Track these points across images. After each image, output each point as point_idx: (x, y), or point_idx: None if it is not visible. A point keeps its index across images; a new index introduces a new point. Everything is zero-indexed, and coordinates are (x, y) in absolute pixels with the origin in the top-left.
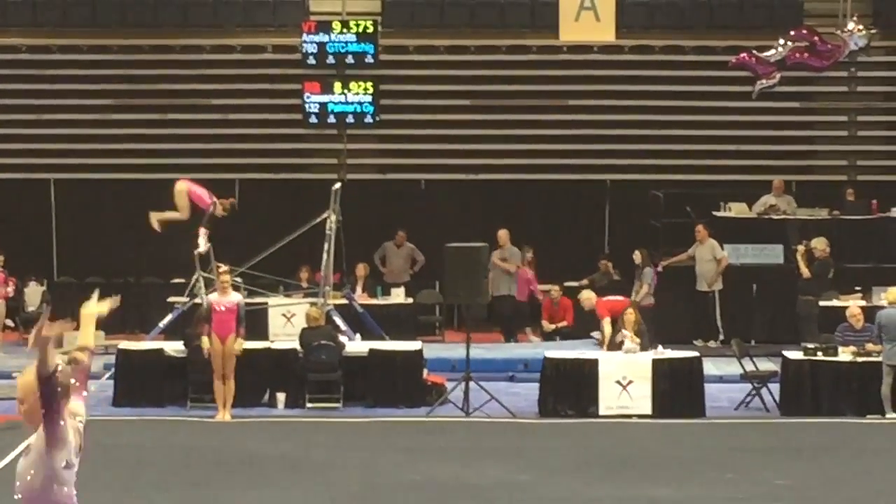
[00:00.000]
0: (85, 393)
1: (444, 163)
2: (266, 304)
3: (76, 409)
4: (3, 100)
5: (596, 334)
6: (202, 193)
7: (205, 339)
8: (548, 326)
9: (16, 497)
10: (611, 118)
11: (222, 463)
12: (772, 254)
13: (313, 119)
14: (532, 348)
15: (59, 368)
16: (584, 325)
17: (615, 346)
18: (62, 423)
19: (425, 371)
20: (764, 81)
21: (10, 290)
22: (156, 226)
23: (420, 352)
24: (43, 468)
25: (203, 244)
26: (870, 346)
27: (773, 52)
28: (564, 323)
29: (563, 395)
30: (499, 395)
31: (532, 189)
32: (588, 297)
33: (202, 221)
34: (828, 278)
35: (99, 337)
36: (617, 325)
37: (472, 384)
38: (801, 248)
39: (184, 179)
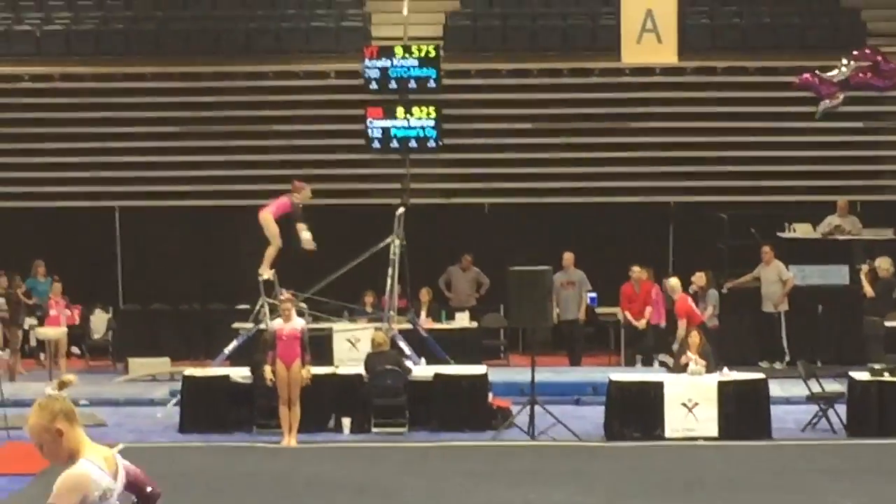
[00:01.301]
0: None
1: (507, 186)
2: (331, 329)
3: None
4: (69, 128)
5: (665, 358)
6: (279, 204)
7: (267, 369)
8: (634, 320)
9: None
10: (674, 140)
11: (288, 488)
12: (837, 274)
13: (376, 144)
14: (598, 372)
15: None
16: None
17: (680, 367)
18: None
19: (490, 395)
20: (828, 102)
21: (75, 316)
22: (270, 275)
23: (485, 376)
24: None
25: (307, 237)
26: None
27: (836, 72)
28: (646, 317)
29: (628, 418)
30: (564, 418)
31: (596, 212)
32: (675, 285)
33: (294, 219)
34: (891, 298)
35: (165, 364)
36: (682, 346)
37: (537, 408)
38: (865, 267)
39: (260, 209)
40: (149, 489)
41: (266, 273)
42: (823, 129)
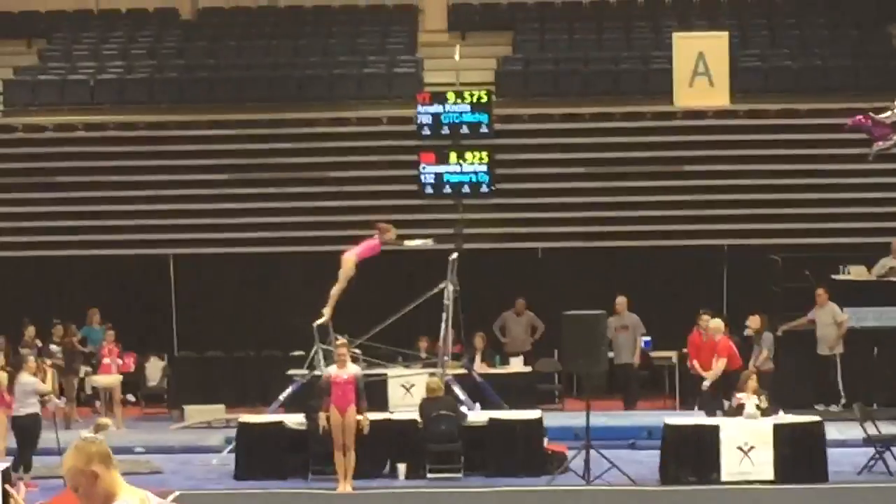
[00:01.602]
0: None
1: (560, 231)
2: (385, 374)
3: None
4: (123, 176)
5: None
6: (368, 247)
7: (322, 416)
8: (702, 371)
9: None
10: (727, 183)
11: None
12: (893, 316)
13: (429, 189)
14: (653, 415)
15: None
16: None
17: (734, 411)
18: None
19: (545, 440)
20: (881, 143)
21: (130, 363)
22: (328, 317)
23: (540, 420)
24: None
25: (417, 242)
26: None
27: (889, 113)
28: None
29: (684, 462)
30: (620, 462)
31: (649, 255)
32: (717, 326)
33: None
34: None
35: (220, 411)
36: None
37: (592, 452)
38: None
39: (348, 251)
40: None
41: (327, 313)
42: (876, 171)
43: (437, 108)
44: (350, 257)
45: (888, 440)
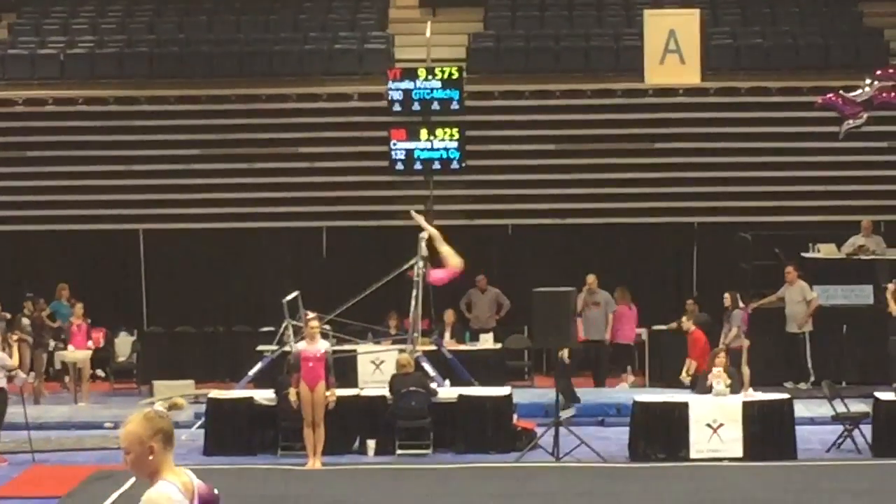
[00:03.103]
0: None
1: (530, 207)
2: (355, 351)
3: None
4: (92, 151)
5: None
6: (443, 276)
7: (292, 392)
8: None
9: None
10: (697, 160)
11: None
12: (862, 294)
13: (400, 166)
14: (622, 392)
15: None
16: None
17: (705, 388)
18: None
19: (515, 416)
20: (851, 121)
21: (99, 339)
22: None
23: (509, 397)
24: None
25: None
26: None
27: (859, 91)
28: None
29: (653, 439)
30: (589, 439)
31: (619, 232)
32: (688, 325)
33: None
34: None
35: (189, 386)
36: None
37: (561, 429)
38: (891, 286)
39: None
40: None
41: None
42: (847, 149)
43: (407, 84)
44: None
45: (856, 418)
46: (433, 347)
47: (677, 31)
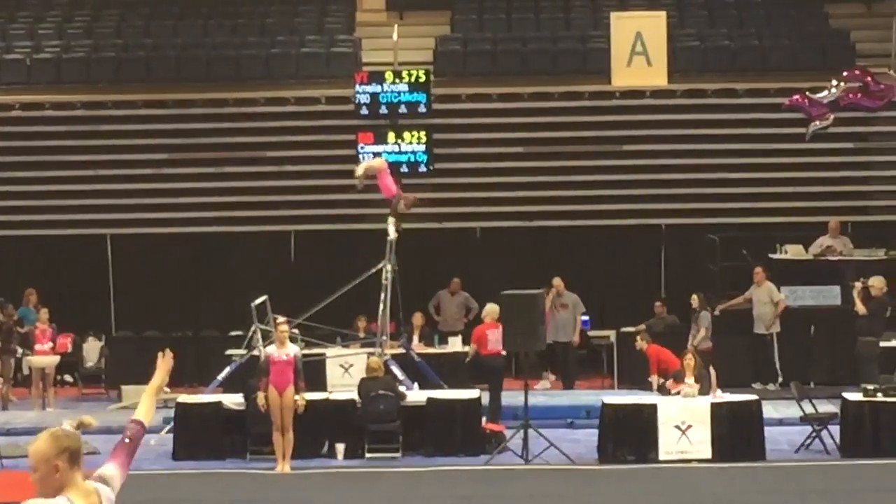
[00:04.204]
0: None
1: (498, 210)
2: (324, 354)
3: (109, 475)
4: (60, 156)
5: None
6: (390, 184)
7: (260, 395)
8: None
9: None
10: (665, 162)
11: None
12: (829, 295)
13: None
14: (591, 395)
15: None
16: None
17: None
18: None
19: (484, 419)
20: (817, 123)
21: (67, 344)
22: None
23: (478, 400)
24: None
25: (392, 232)
26: None
27: (826, 93)
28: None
29: (622, 441)
30: (558, 442)
31: (587, 235)
32: (641, 344)
33: (390, 210)
34: (884, 317)
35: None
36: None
37: (530, 431)
38: (858, 285)
39: (385, 162)
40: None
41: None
42: (814, 151)
43: (375, 87)
44: (381, 166)
45: (825, 418)
46: (401, 351)
47: (644, 33)
